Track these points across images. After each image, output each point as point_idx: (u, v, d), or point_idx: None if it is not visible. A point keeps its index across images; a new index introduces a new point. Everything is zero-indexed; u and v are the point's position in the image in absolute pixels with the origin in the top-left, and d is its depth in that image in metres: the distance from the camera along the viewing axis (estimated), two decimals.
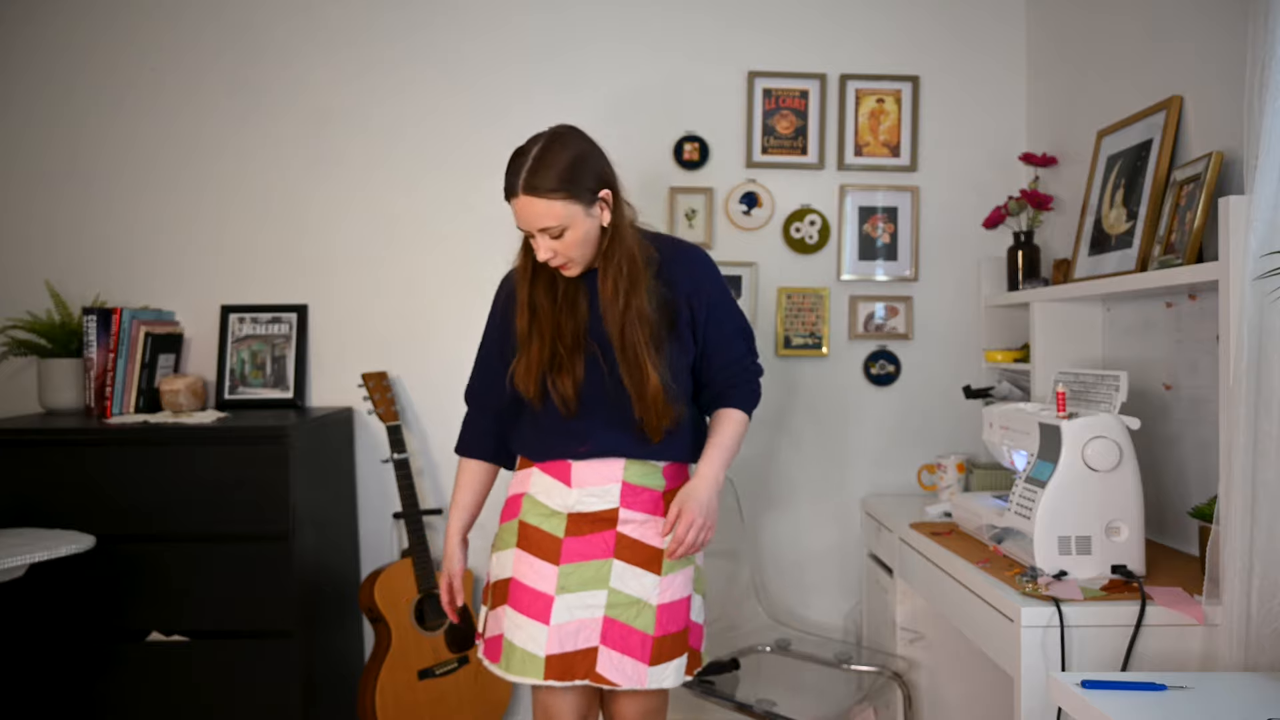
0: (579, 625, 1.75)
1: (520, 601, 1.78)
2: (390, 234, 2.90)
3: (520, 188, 1.68)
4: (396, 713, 2.61)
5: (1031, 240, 2.70)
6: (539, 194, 1.67)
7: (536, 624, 1.75)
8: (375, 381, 2.77)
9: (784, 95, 2.91)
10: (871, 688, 2.45)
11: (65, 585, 2.38)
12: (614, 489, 1.80)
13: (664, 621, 1.78)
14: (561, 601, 1.76)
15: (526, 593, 1.78)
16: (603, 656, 1.75)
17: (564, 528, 1.80)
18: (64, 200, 2.87)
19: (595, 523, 1.79)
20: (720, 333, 1.87)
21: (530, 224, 1.70)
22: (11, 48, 2.85)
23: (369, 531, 2.90)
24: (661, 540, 1.79)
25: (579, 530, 1.79)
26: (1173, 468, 2.14)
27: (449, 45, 2.89)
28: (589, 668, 1.74)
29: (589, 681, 1.75)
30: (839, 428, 2.95)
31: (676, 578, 1.81)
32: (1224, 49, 1.96)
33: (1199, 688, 1.42)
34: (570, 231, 1.70)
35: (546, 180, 1.67)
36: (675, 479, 1.86)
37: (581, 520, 1.80)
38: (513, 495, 1.89)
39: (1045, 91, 2.83)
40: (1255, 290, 1.56)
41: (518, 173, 1.69)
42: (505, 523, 1.87)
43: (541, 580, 1.78)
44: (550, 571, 1.78)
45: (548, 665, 1.73)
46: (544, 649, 1.74)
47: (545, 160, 1.68)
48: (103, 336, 2.71)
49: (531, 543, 1.81)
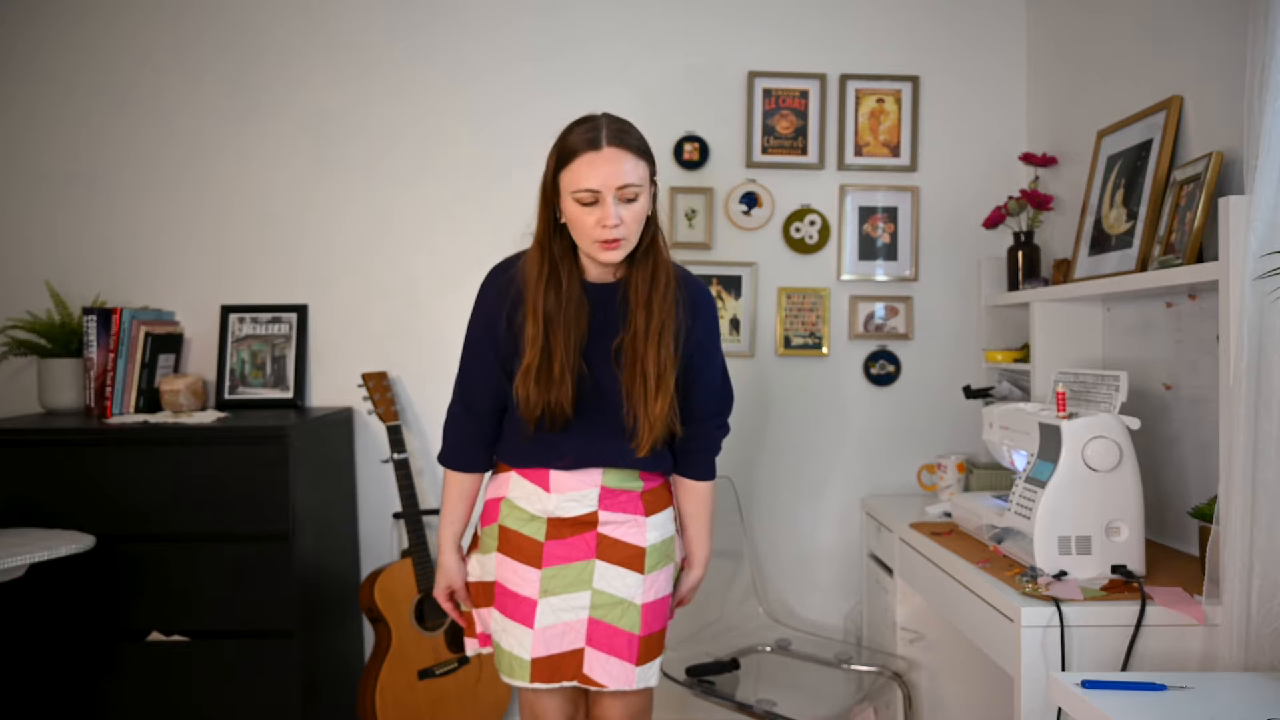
0: (564, 627, 1.74)
1: (505, 606, 1.77)
2: (390, 234, 2.90)
3: (607, 139, 1.61)
4: (396, 713, 2.62)
5: (1031, 240, 2.70)
6: (628, 149, 1.62)
7: (521, 627, 1.74)
8: (375, 381, 2.77)
9: (784, 95, 2.91)
10: (871, 688, 2.45)
11: (65, 585, 2.38)
12: (592, 493, 1.78)
13: (648, 620, 1.77)
14: (545, 604, 1.74)
15: (510, 597, 1.76)
16: (589, 658, 1.74)
17: (544, 531, 1.77)
18: (64, 200, 2.87)
19: (575, 526, 1.77)
20: (702, 379, 1.81)
21: (611, 179, 1.60)
22: (12, 48, 2.85)
23: (369, 531, 2.90)
24: (642, 539, 1.80)
25: (559, 534, 1.77)
26: (1173, 468, 2.14)
27: (449, 45, 2.89)
28: (575, 669, 1.74)
29: (576, 683, 1.74)
30: (839, 428, 2.95)
31: (659, 575, 1.81)
32: (1224, 49, 1.96)
33: (1199, 688, 1.42)
34: (636, 204, 1.64)
35: (633, 139, 1.64)
36: (652, 480, 1.85)
37: (561, 524, 1.77)
38: (491, 499, 1.85)
39: (1045, 91, 2.83)
40: (1255, 290, 1.56)
41: (599, 128, 1.62)
42: (485, 526, 1.85)
43: (524, 584, 1.76)
44: (533, 575, 1.76)
45: (534, 668, 1.72)
46: (530, 652, 1.73)
47: (625, 124, 1.66)
48: (103, 336, 2.71)
49: (512, 547, 1.78)
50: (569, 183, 1.63)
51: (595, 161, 1.60)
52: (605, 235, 1.63)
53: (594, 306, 1.74)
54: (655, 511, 1.83)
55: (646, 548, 1.79)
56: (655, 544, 1.81)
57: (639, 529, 1.80)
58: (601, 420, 1.75)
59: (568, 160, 1.63)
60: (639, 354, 1.70)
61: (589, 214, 1.63)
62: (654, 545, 1.81)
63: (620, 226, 1.63)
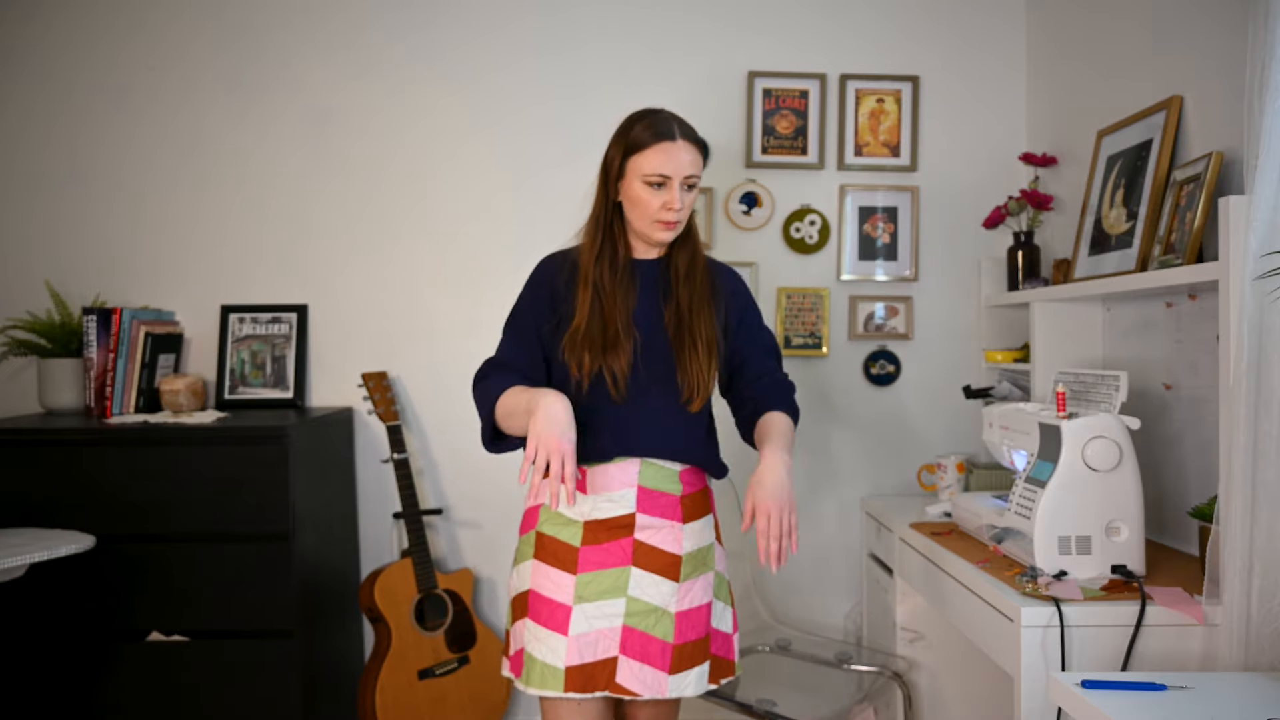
0: (598, 635, 1.72)
1: (539, 614, 1.75)
2: (390, 234, 2.90)
3: (679, 133, 1.78)
4: (396, 713, 2.62)
5: (1031, 240, 2.70)
6: (694, 144, 1.79)
7: (556, 635, 1.73)
8: (375, 381, 2.77)
9: (784, 95, 2.91)
10: (871, 688, 2.45)
11: (65, 585, 2.38)
12: (630, 494, 1.77)
13: (683, 629, 1.76)
14: (580, 611, 1.73)
15: (545, 604, 1.75)
16: (622, 666, 1.72)
17: (580, 536, 1.77)
18: (64, 200, 2.87)
19: (612, 530, 1.77)
20: (754, 343, 1.90)
21: (680, 169, 1.76)
22: (11, 48, 2.85)
23: (369, 531, 2.90)
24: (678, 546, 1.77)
25: (595, 539, 1.76)
26: (1173, 468, 2.14)
27: (449, 45, 2.89)
28: (609, 678, 1.72)
29: (609, 692, 1.72)
30: (839, 427, 2.95)
31: (695, 584, 1.80)
32: (1224, 49, 1.96)
33: (1199, 688, 1.42)
34: (692, 193, 1.81)
35: (697, 135, 1.82)
36: (692, 485, 1.84)
37: (598, 528, 1.77)
38: (530, 507, 1.86)
39: (1045, 91, 2.83)
40: (1255, 290, 1.57)
41: (670, 121, 1.78)
42: (524, 535, 1.85)
43: (559, 591, 1.75)
44: (568, 582, 1.75)
45: (568, 677, 1.71)
46: (564, 660, 1.71)
47: (684, 120, 1.82)
48: (103, 336, 2.71)
49: (548, 553, 1.78)
50: (641, 166, 1.76)
51: (670, 150, 1.76)
52: (668, 217, 1.78)
53: (642, 280, 1.84)
54: (693, 519, 1.83)
55: (683, 555, 1.78)
56: (691, 552, 1.80)
57: (675, 535, 1.79)
58: (648, 396, 1.77)
59: (642, 146, 1.77)
60: (684, 321, 1.81)
61: (656, 197, 1.77)
62: (690, 553, 1.80)
63: (683, 210, 1.79)
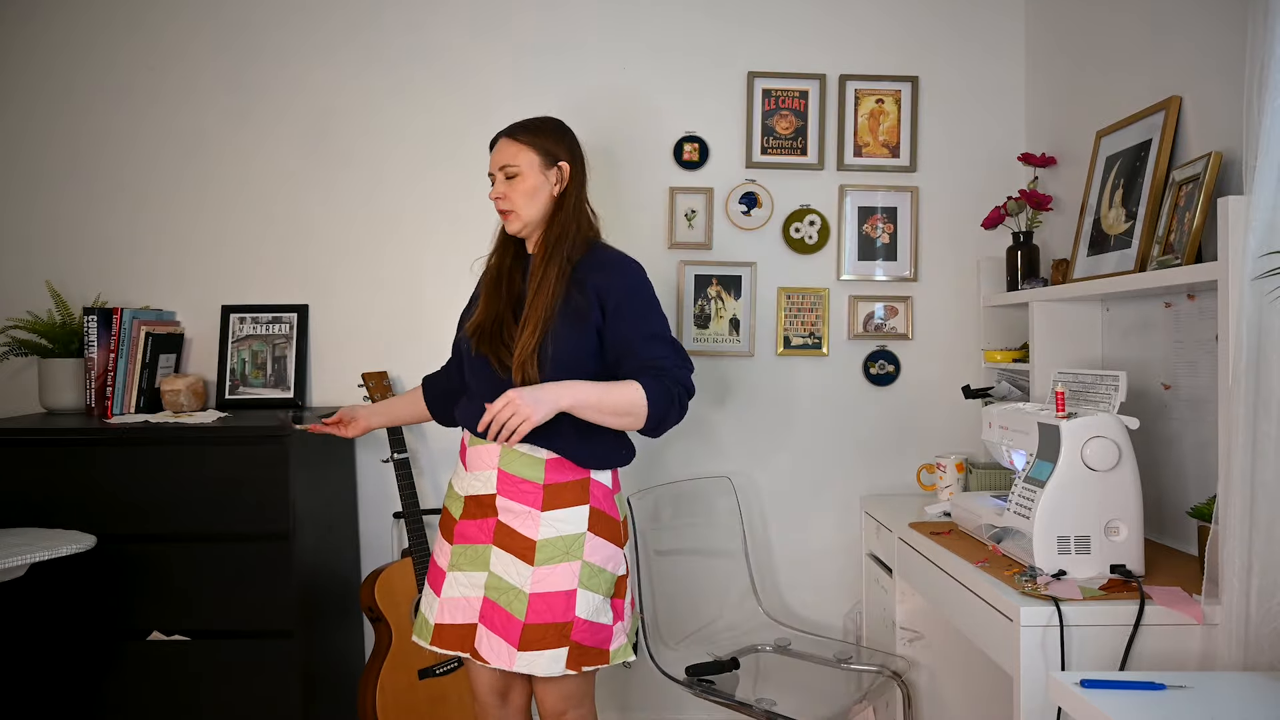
0: (464, 602, 1.91)
1: (431, 574, 2.00)
2: (390, 233, 2.90)
3: (500, 136, 1.97)
4: (397, 712, 2.62)
5: (1031, 240, 2.70)
6: (507, 136, 1.96)
7: (433, 594, 1.97)
8: (375, 381, 2.78)
9: (784, 95, 2.91)
10: (871, 687, 2.46)
11: (66, 585, 2.38)
12: (491, 475, 1.92)
13: (537, 609, 1.84)
14: (451, 577, 1.94)
15: (434, 566, 2.00)
16: (480, 634, 1.88)
17: (461, 509, 1.96)
18: (64, 200, 2.87)
19: (482, 507, 1.92)
20: (635, 332, 1.87)
21: (494, 162, 1.95)
22: (11, 47, 2.85)
23: (369, 531, 2.90)
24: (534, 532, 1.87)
25: (470, 514, 1.94)
26: (1172, 468, 2.14)
27: (448, 44, 2.89)
28: (468, 642, 1.89)
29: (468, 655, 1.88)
30: (839, 427, 2.95)
31: (555, 570, 1.86)
32: (1224, 49, 1.96)
33: (1198, 687, 1.42)
34: (520, 180, 1.92)
35: (518, 130, 1.96)
36: (560, 474, 1.89)
37: (473, 504, 1.94)
38: None
39: (1045, 92, 2.83)
40: (1254, 290, 1.57)
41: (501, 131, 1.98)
42: None
43: (441, 556, 1.99)
44: (447, 549, 1.97)
45: (435, 633, 1.93)
46: (435, 618, 1.94)
47: (528, 120, 1.99)
48: (103, 336, 2.71)
49: (442, 522, 2.03)
50: None
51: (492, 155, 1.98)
52: (497, 206, 1.95)
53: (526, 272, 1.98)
54: (557, 507, 1.88)
55: (537, 541, 1.86)
56: (550, 539, 1.87)
57: (532, 521, 1.88)
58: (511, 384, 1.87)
59: None
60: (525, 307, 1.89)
61: None
62: (548, 540, 1.86)
63: (503, 200, 1.94)
